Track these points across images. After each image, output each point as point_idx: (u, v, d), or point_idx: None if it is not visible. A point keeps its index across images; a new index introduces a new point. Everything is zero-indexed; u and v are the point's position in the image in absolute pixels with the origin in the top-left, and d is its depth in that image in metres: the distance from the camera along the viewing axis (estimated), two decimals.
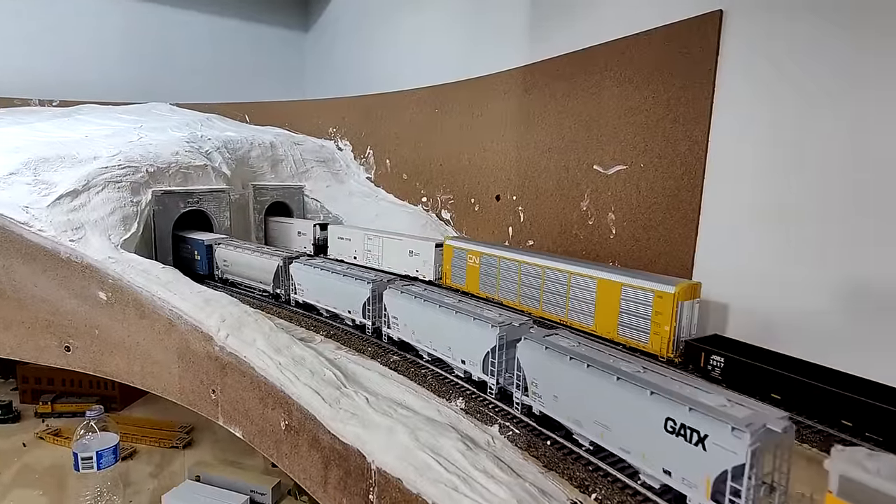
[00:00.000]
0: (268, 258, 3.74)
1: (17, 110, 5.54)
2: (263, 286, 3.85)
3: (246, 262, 3.92)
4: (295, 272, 3.57)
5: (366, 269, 3.48)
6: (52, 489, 3.97)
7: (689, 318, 2.55)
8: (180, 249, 4.65)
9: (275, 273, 3.71)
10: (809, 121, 2.65)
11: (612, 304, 2.76)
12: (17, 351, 3.24)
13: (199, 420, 4.89)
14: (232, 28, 7.59)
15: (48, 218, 3.19)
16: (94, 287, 3.06)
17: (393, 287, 2.96)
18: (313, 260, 3.65)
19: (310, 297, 3.50)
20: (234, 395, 2.58)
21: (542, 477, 1.84)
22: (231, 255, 4.05)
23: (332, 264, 3.49)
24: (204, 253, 4.25)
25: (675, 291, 2.50)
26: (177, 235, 4.59)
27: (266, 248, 4.01)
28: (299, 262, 3.56)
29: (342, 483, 2.03)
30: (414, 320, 2.78)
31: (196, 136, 4.76)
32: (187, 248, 4.50)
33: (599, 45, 3.60)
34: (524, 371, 2.18)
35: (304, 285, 3.54)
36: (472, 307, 2.58)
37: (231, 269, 4.11)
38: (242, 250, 3.97)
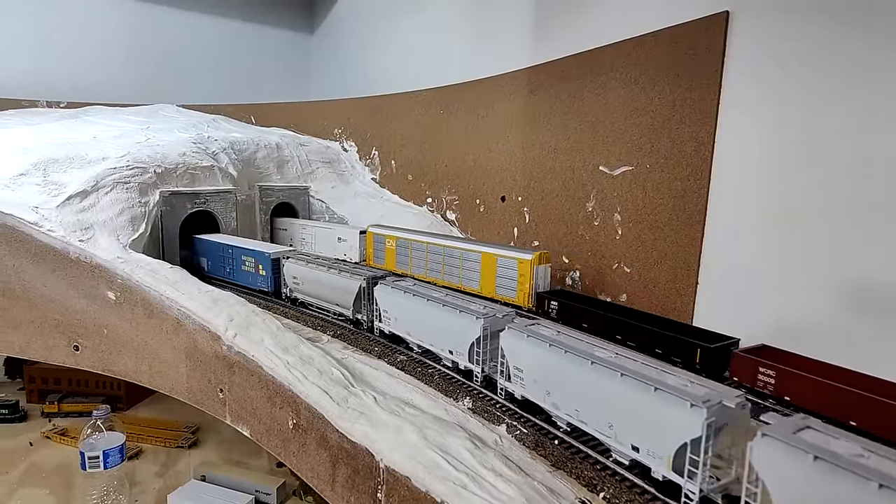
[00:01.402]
0: (347, 277, 3.24)
1: (26, 112, 5.57)
2: (341, 309, 3.33)
3: (321, 280, 3.41)
4: (380, 296, 3.02)
5: (473, 299, 2.74)
6: (59, 488, 4.00)
7: (543, 277, 3.40)
8: (215, 259, 4.27)
9: (356, 295, 3.17)
10: (816, 121, 2.65)
11: (491, 271, 3.60)
12: (27, 350, 3.26)
13: (205, 420, 4.92)
14: (238, 30, 7.62)
15: (58, 218, 3.21)
16: (102, 287, 3.08)
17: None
18: (402, 282, 3.04)
19: (399, 327, 2.96)
20: (242, 394, 2.59)
21: (551, 476, 1.85)
22: (302, 271, 3.56)
23: (428, 289, 2.87)
24: (269, 268, 3.80)
25: (531, 258, 3.35)
26: (213, 243, 4.25)
27: (345, 265, 3.47)
28: (385, 283, 3.03)
29: (350, 481, 2.04)
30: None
31: (203, 137, 4.79)
32: (229, 257, 4.11)
33: (605, 46, 3.61)
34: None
35: (391, 312, 2.99)
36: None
37: (303, 287, 3.59)
38: (316, 266, 3.48)
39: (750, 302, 2.94)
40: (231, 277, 4.13)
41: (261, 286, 3.92)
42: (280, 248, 3.99)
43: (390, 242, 4.29)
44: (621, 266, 3.59)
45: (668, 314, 3.14)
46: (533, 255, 3.34)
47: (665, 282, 3.33)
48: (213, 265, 4.31)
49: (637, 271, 3.49)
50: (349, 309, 3.25)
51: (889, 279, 2.44)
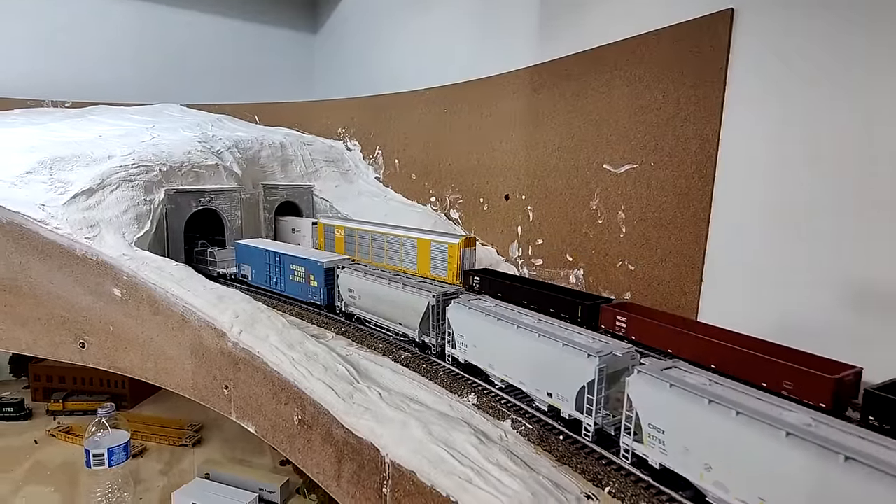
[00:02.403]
0: (412, 292, 2.87)
1: (31, 111, 5.60)
2: (404, 329, 2.96)
3: (381, 294, 3.06)
4: (455, 317, 2.61)
5: (576, 329, 2.25)
6: (64, 486, 4.02)
7: (469, 258, 3.99)
8: (259, 267, 3.89)
9: (423, 314, 2.79)
10: (821, 118, 2.64)
11: (426, 254, 4.11)
12: (33, 347, 3.27)
13: (209, 418, 4.94)
14: (242, 30, 7.65)
15: (64, 216, 3.23)
16: (108, 284, 3.09)
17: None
18: (482, 302, 2.62)
19: (478, 357, 2.50)
20: (247, 390, 2.60)
21: (556, 471, 1.85)
22: (360, 283, 3.20)
23: (516, 313, 2.46)
24: (322, 278, 3.46)
25: (458, 242, 3.92)
26: (257, 250, 3.90)
27: (411, 279, 3.10)
28: (461, 302, 2.61)
29: (356, 476, 2.04)
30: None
31: (207, 135, 4.81)
32: (276, 265, 3.79)
33: (609, 45, 3.61)
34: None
35: (468, 338, 2.56)
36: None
37: (360, 302, 3.23)
38: (376, 279, 3.12)
39: (755, 299, 2.94)
40: (278, 288, 3.83)
41: (312, 298, 3.57)
42: (334, 257, 3.63)
43: (339, 232, 4.80)
44: (625, 264, 3.59)
45: (673, 311, 3.13)
46: (459, 239, 3.95)
47: (669, 279, 3.32)
48: (257, 274, 3.97)
49: (641, 269, 3.49)
50: (414, 330, 2.85)
51: (894, 277, 2.43)
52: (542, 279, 4.12)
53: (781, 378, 2.15)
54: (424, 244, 4.09)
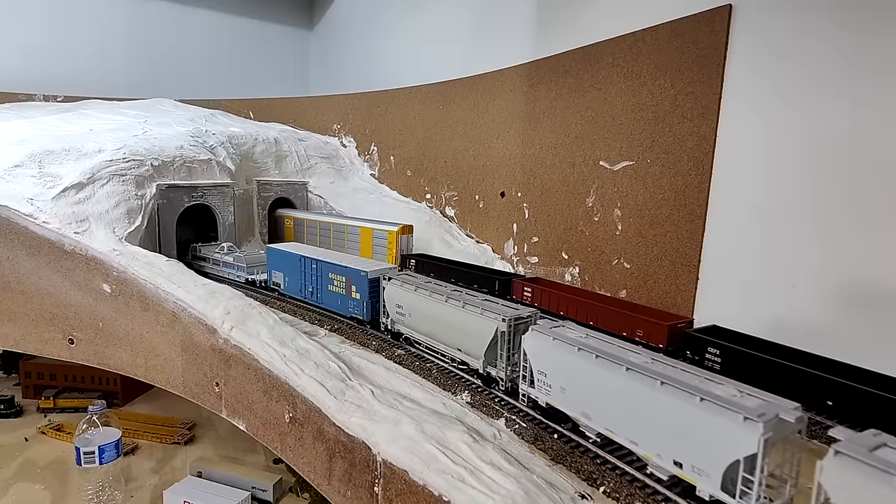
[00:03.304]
0: (476, 314, 2.40)
1: (22, 105, 5.53)
2: (464, 357, 2.51)
3: (437, 314, 2.62)
4: (535, 350, 2.13)
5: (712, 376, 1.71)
6: (54, 484, 3.97)
7: (406, 244, 4.34)
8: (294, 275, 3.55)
9: (490, 342, 2.33)
10: (819, 116, 2.63)
11: (368, 241, 4.48)
12: (21, 343, 3.23)
13: (201, 416, 4.89)
14: (236, 25, 7.59)
15: (53, 210, 3.18)
16: (98, 279, 3.05)
17: None
18: (569, 331, 2.10)
19: (567, 403, 2.02)
20: (238, 387, 2.57)
21: (550, 470, 1.83)
22: (411, 299, 2.76)
23: (620, 348, 1.94)
24: (366, 290, 3.06)
25: (397, 230, 4.30)
26: (291, 256, 3.56)
27: (475, 298, 2.57)
28: (541, 330, 2.12)
29: (347, 475, 2.01)
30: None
31: (201, 130, 4.76)
32: (312, 274, 3.44)
33: (606, 40, 3.58)
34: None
35: (553, 376, 2.07)
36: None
37: (410, 321, 2.81)
38: (430, 294, 2.67)
39: (751, 298, 2.92)
40: (314, 299, 3.47)
41: (353, 312, 3.18)
42: (380, 265, 3.24)
43: (289, 222, 5.12)
44: (621, 262, 3.56)
45: (669, 310, 3.11)
46: (398, 227, 4.33)
47: (665, 278, 3.30)
48: (291, 282, 3.61)
49: (637, 267, 3.47)
50: (478, 360, 2.41)
51: (889, 276, 2.42)
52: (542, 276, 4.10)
53: (635, 328, 2.78)
54: (367, 232, 4.51)
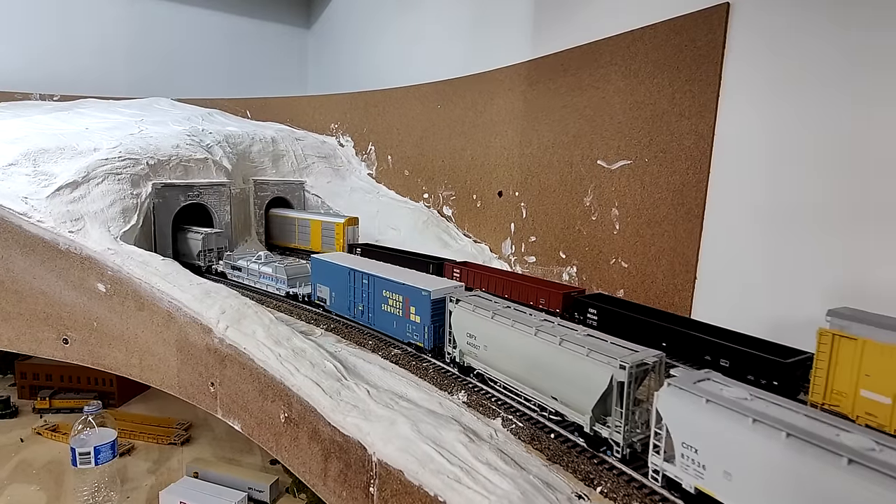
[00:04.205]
0: (581, 355, 1.89)
1: (18, 104, 5.52)
2: (562, 408, 2.01)
3: (525, 350, 2.10)
4: (674, 413, 1.62)
5: None
6: (50, 484, 3.94)
7: (352, 234, 4.77)
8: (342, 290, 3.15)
9: (602, 394, 1.82)
10: (817, 114, 2.62)
11: (318, 232, 4.89)
12: (16, 343, 3.20)
13: (198, 417, 4.87)
14: (234, 24, 7.57)
15: (47, 209, 3.16)
16: (92, 279, 3.03)
17: None
18: (723, 386, 1.61)
19: (736, 494, 1.46)
20: (234, 387, 2.55)
21: (547, 470, 1.81)
22: (487, 328, 2.28)
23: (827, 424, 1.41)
24: (428, 312, 2.63)
25: (343, 221, 4.74)
26: (339, 268, 3.16)
27: (570, 328, 2.10)
28: (680, 385, 1.61)
29: (342, 475, 2.00)
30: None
31: (197, 129, 4.74)
32: (363, 290, 3.02)
33: (604, 39, 3.57)
34: None
35: (710, 456, 1.53)
36: None
37: (486, 354, 2.31)
38: (513, 324, 2.18)
39: (748, 297, 2.91)
40: (364, 319, 3.05)
41: (412, 338, 2.75)
42: (445, 284, 2.76)
43: None
44: (619, 261, 3.55)
45: (667, 309, 3.10)
46: (344, 219, 4.76)
47: (663, 277, 3.29)
48: (338, 298, 3.22)
49: (635, 266, 3.46)
50: (584, 415, 1.89)
51: (887, 276, 2.41)
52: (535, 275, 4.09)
53: (539, 297, 3.27)
54: (317, 224, 4.92)
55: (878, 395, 1.87)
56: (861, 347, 1.91)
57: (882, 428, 1.85)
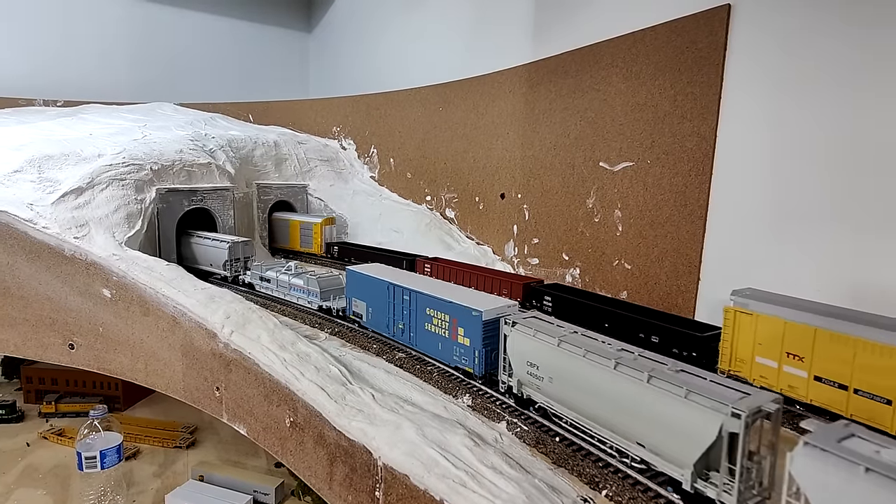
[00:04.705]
0: (679, 397, 1.58)
1: (22, 110, 5.54)
2: (651, 458, 1.71)
3: (602, 387, 1.80)
4: (816, 482, 1.30)
5: None
6: (56, 489, 3.96)
7: (329, 233, 5.01)
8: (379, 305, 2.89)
9: (707, 447, 1.52)
10: (820, 114, 2.62)
11: (296, 232, 5.13)
12: (22, 348, 3.22)
13: (203, 420, 4.88)
14: (236, 28, 7.60)
15: (52, 215, 3.18)
16: (98, 284, 3.05)
17: None
18: (875, 446, 1.30)
19: None
20: (239, 392, 2.56)
21: (552, 473, 1.82)
22: (551, 356, 2.00)
23: None
24: (479, 334, 2.34)
25: (321, 221, 4.97)
26: (376, 282, 2.90)
27: (663, 367, 1.72)
28: (824, 446, 1.29)
29: (348, 479, 2.00)
30: None
31: (200, 134, 4.76)
32: (403, 307, 2.77)
33: (605, 41, 3.58)
34: None
35: None
36: None
37: (551, 388, 2.00)
38: (585, 353, 1.88)
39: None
40: (405, 338, 2.80)
41: (460, 363, 2.46)
42: (499, 303, 2.44)
43: None
44: (622, 263, 3.56)
45: (670, 310, 3.10)
46: (322, 219, 4.99)
47: (666, 279, 3.29)
48: (375, 314, 2.98)
49: (638, 268, 3.46)
50: (684, 470, 1.60)
51: (893, 277, 2.41)
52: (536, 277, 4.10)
53: (501, 288, 3.53)
54: (296, 224, 5.15)
55: (768, 360, 2.19)
56: (755, 321, 2.22)
57: (771, 388, 2.16)
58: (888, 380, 1.85)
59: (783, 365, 2.14)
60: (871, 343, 1.90)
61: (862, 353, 1.92)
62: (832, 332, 2.00)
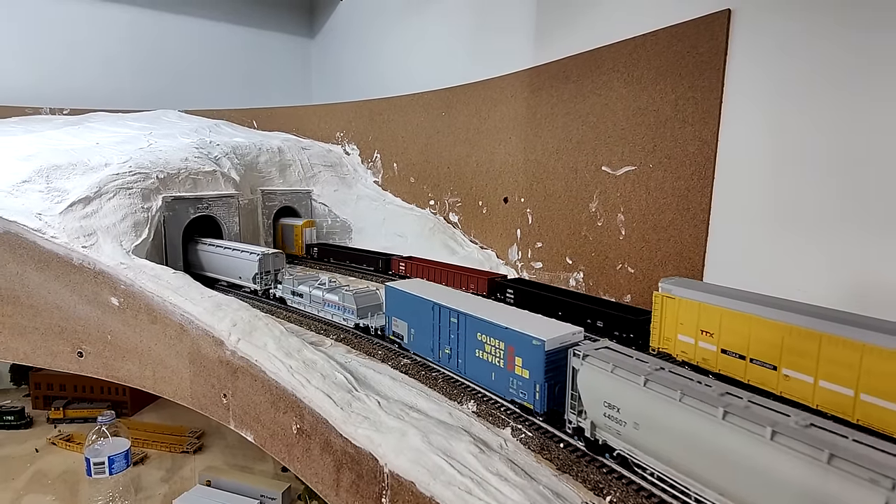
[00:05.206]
0: (817, 464, 1.26)
1: (29, 119, 5.60)
2: None
3: (708, 440, 1.48)
4: None
5: None
6: (65, 494, 4.00)
7: (309, 235, 5.30)
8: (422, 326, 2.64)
9: None
10: (821, 118, 2.63)
11: (279, 233, 5.42)
12: (31, 357, 3.26)
13: (210, 425, 4.92)
14: (239, 36, 7.65)
15: (61, 225, 3.22)
16: (106, 293, 3.08)
17: None
18: None
19: None
20: (246, 399, 2.59)
21: (556, 480, 1.83)
22: (639, 400, 1.69)
23: None
24: (541, 366, 2.05)
25: (301, 224, 5.27)
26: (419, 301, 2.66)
27: (787, 422, 1.39)
28: None
29: (354, 486, 2.02)
30: None
31: (205, 142, 4.80)
32: (450, 330, 2.50)
33: (606, 46, 3.60)
34: None
35: None
36: None
37: (636, 435, 1.71)
38: (684, 397, 1.57)
39: None
40: (452, 365, 2.53)
41: (518, 397, 2.18)
42: (562, 329, 2.14)
43: None
44: (625, 266, 3.57)
45: None
46: (303, 221, 5.32)
47: None
48: (418, 337, 2.74)
49: (641, 272, 3.47)
50: None
51: (893, 279, 2.42)
52: (547, 282, 4.12)
53: (469, 283, 3.88)
54: (280, 226, 5.41)
55: (688, 337, 2.50)
56: (678, 304, 2.53)
57: (690, 360, 2.48)
58: (775, 349, 2.14)
59: (699, 341, 2.46)
60: (762, 319, 2.20)
61: (756, 328, 2.22)
62: (734, 311, 2.31)
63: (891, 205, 2.42)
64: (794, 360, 2.06)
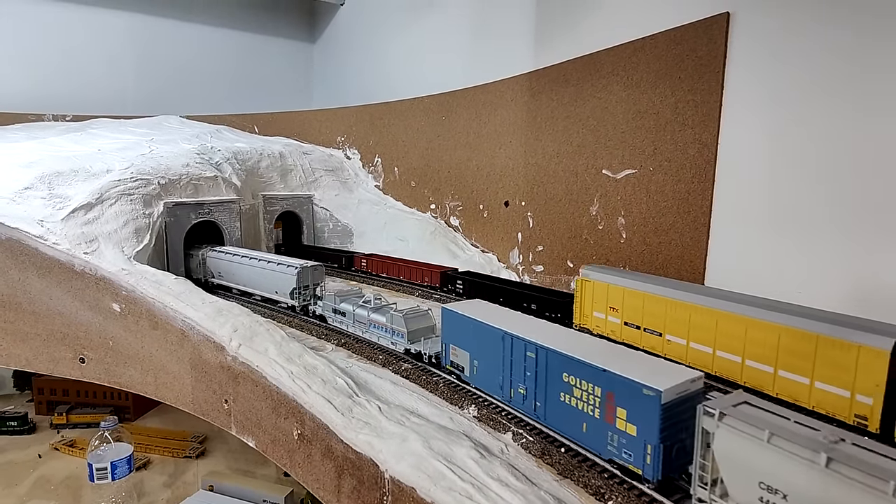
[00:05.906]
0: None
1: (31, 126, 5.63)
2: None
3: None
4: None
5: None
6: (68, 500, 4.01)
7: (276, 235, 5.36)
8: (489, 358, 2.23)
9: None
10: (820, 120, 2.63)
11: None
12: (33, 363, 3.27)
13: (212, 430, 4.93)
14: (240, 41, 7.68)
15: (62, 231, 3.23)
16: (107, 299, 3.09)
17: None
18: None
19: None
20: (247, 404, 2.59)
21: (558, 485, 1.83)
22: (818, 485, 1.19)
23: None
24: (654, 420, 1.62)
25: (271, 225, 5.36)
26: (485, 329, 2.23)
27: None
28: None
29: (356, 492, 2.02)
30: None
31: (206, 147, 4.81)
32: (526, 367, 2.08)
33: (606, 50, 3.60)
34: None
35: None
36: None
37: None
38: None
39: None
40: (530, 409, 2.11)
41: (620, 456, 1.77)
42: (680, 375, 1.69)
43: None
44: (626, 270, 3.56)
45: None
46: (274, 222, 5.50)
47: None
48: (484, 370, 2.33)
49: None
50: None
51: (894, 281, 2.41)
52: (544, 285, 4.12)
53: (423, 276, 4.23)
54: None
55: (600, 313, 2.93)
56: (593, 286, 2.95)
57: (603, 334, 2.90)
58: (660, 319, 2.61)
59: (608, 316, 2.89)
60: (653, 296, 2.65)
61: (647, 303, 2.67)
62: (632, 290, 2.76)
63: (891, 206, 2.41)
64: (674, 327, 2.59)
